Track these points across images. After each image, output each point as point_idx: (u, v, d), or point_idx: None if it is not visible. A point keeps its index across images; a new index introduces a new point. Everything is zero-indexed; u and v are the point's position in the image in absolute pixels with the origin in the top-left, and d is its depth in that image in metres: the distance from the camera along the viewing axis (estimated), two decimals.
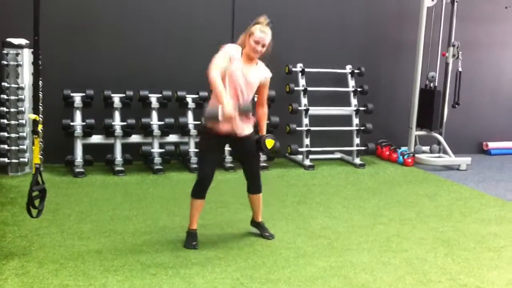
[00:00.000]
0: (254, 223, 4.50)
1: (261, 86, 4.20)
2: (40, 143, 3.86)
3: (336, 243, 4.35)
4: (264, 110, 4.32)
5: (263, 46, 4.04)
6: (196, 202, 4.17)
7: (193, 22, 7.05)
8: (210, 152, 4.15)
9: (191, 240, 4.14)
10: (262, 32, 4.03)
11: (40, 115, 3.87)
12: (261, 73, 4.19)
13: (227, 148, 5.16)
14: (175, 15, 6.94)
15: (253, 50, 4.03)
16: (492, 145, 8.73)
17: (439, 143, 7.82)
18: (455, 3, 7.54)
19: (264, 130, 4.29)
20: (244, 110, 4.01)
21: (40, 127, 3.86)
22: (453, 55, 7.63)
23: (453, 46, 7.60)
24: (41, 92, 3.97)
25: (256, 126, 4.28)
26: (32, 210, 3.84)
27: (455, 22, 7.59)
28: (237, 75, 4.04)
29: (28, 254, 3.83)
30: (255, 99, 4.34)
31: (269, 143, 4.17)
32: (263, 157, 6.88)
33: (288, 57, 7.31)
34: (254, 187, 4.35)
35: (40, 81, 3.95)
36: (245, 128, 4.12)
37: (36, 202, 3.88)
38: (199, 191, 4.14)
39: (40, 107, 3.93)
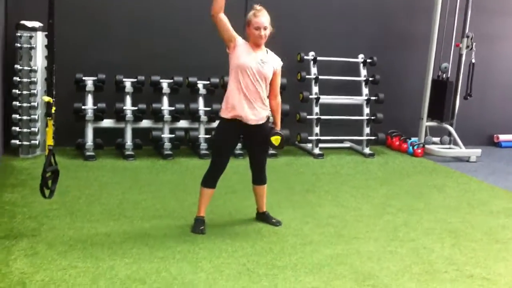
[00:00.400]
0: (259, 214, 4.50)
1: (274, 74, 4.15)
2: (53, 125, 3.88)
3: (343, 232, 4.36)
4: (277, 101, 4.23)
5: (265, 29, 4.01)
6: (206, 191, 4.19)
7: (206, 7, 7.01)
8: (225, 142, 4.18)
9: (199, 225, 4.16)
10: (258, 17, 4.01)
11: (53, 98, 3.89)
12: (273, 60, 4.16)
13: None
14: (188, 0, 6.93)
15: (258, 37, 4.01)
16: (503, 137, 8.68)
17: (449, 134, 7.79)
18: None
19: (278, 123, 4.25)
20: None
21: (53, 109, 3.89)
22: (467, 46, 7.56)
23: (467, 37, 7.53)
24: (54, 75, 3.97)
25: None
26: (45, 190, 3.88)
27: (470, 13, 7.52)
28: (250, 62, 4.01)
29: (37, 235, 3.88)
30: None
31: (276, 140, 4.12)
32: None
33: (300, 45, 7.29)
34: (258, 178, 4.35)
35: (53, 64, 3.95)
36: (256, 116, 4.08)
37: (49, 183, 3.93)
38: (210, 180, 4.17)
39: (53, 89, 3.94)
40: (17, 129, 6.03)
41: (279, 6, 7.23)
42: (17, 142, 6.03)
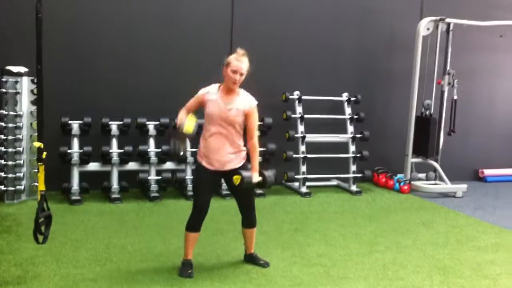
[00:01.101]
0: (247, 256, 4.47)
1: (246, 116, 4.10)
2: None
3: (333, 271, 4.34)
4: (253, 143, 4.11)
5: (241, 75, 4.04)
6: (190, 235, 4.16)
7: (191, 50, 7.12)
8: (204, 186, 4.15)
9: (186, 268, 4.12)
10: (238, 61, 4.05)
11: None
12: (243, 102, 4.12)
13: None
14: (173, 43, 7.01)
15: (232, 80, 4.03)
16: (488, 172, 8.76)
17: (435, 170, 7.85)
18: (450, 32, 7.63)
19: (255, 165, 4.09)
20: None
21: (44, 155, 3.89)
22: (449, 83, 7.69)
23: (449, 74, 7.67)
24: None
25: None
26: (38, 236, 3.85)
27: (450, 50, 7.68)
28: (214, 111, 4.05)
29: (22, 283, 3.82)
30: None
31: (236, 179, 4.00)
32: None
33: (285, 85, 7.38)
34: (248, 221, 4.32)
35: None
36: (231, 162, 4.09)
37: (42, 229, 3.90)
38: (194, 224, 4.13)
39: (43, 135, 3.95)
40: (2, 174, 5.99)
41: (265, 47, 7.38)
42: (2, 187, 5.98)
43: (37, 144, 3.87)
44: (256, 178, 4.04)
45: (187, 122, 4.09)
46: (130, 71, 6.89)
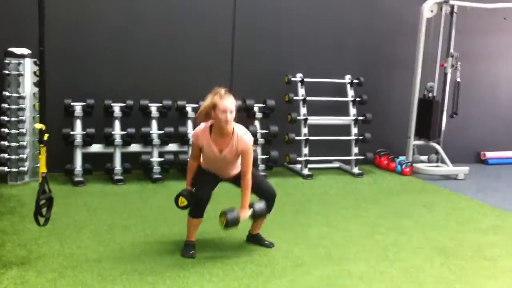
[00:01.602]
0: (251, 236, 4.50)
1: (241, 154, 4.10)
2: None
3: (334, 253, 4.37)
4: (246, 180, 4.09)
5: (231, 112, 3.95)
6: (193, 221, 4.20)
7: (193, 32, 7.10)
8: (206, 178, 4.21)
9: (189, 249, 4.17)
10: (225, 100, 3.95)
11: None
12: (238, 145, 4.06)
13: None
14: (175, 26, 7.00)
15: (224, 121, 3.95)
16: (489, 154, 8.77)
17: (437, 152, 7.86)
18: (454, 14, 7.60)
19: (245, 204, 4.09)
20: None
21: (46, 136, 3.90)
22: (452, 66, 7.67)
23: (452, 56, 7.64)
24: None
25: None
26: (39, 218, 3.88)
27: (454, 33, 7.65)
28: (209, 156, 4.13)
29: (27, 263, 3.86)
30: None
31: (221, 220, 4.07)
32: (261, 166, 6.93)
33: (287, 68, 7.37)
34: (267, 206, 4.29)
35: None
36: (232, 172, 4.26)
37: (43, 211, 3.92)
38: (196, 211, 4.16)
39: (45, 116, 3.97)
40: (6, 156, 6.02)
41: (266, 29, 7.37)
42: (6, 169, 6.02)
43: (38, 126, 3.89)
44: (244, 215, 4.10)
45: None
46: (133, 53, 6.88)
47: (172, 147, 6.72)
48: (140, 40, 6.89)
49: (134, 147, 6.58)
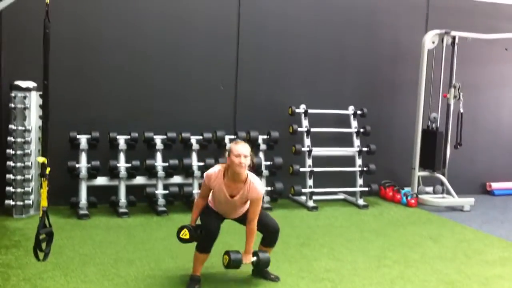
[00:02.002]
0: (256, 270, 4.47)
1: (250, 202, 4.18)
2: (47, 186, 3.89)
3: (340, 286, 4.34)
4: (251, 226, 4.17)
5: (245, 157, 4.02)
6: (200, 256, 4.20)
7: (197, 64, 7.17)
8: (213, 214, 4.24)
9: (193, 283, 4.14)
10: (239, 145, 4.07)
11: (47, 158, 3.92)
12: (249, 194, 4.13)
13: None
14: (178, 57, 7.06)
15: (238, 165, 4.01)
16: (495, 185, 8.74)
17: (442, 183, 7.84)
18: (456, 45, 7.66)
19: (249, 249, 4.21)
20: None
21: (48, 170, 3.91)
22: (454, 96, 7.70)
23: (454, 87, 7.68)
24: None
25: None
26: (39, 253, 3.85)
27: (456, 63, 7.70)
28: (220, 199, 4.18)
29: None
30: None
31: (225, 259, 4.18)
32: (266, 198, 6.92)
33: (291, 99, 7.41)
34: (269, 241, 4.37)
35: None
36: (239, 214, 4.31)
37: (43, 245, 3.90)
38: (204, 246, 4.16)
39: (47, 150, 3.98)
40: (11, 189, 6.03)
41: (270, 62, 7.45)
42: (11, 202, 6.02)
43: (40, 159, 3.89)
44: (248, 259, 4.19)
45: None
46: (138, 86, 6.93)
47: (177, 179, 6.72)
48: (145, 73, 6.95)
49: (139, 180, 6.59)
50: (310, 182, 7.23)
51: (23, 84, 6.11)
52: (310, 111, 7.40)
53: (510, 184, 8.81)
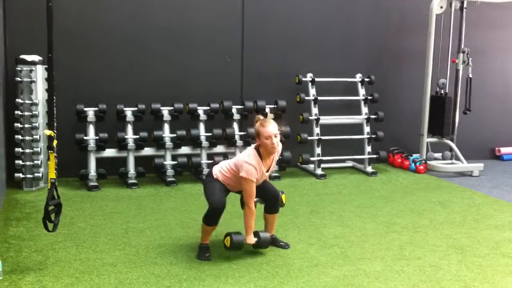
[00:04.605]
0: None
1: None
2: (55, 158, 3.91)
3: (349, 252, 4.35)
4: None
5: (275, 136, 4.02)
6: (207, 228, 4.20)
7: (203, 35, 7.12)
8: (218, 187, 4.18)
9: (204, 252, 4.17)
10: (267, 127, 4.03)
11: (54, 131, 3.93)
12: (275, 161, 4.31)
13: None
14: (185, 28, 7.01)
15: (272, 147, 4.03)
16: (504, 150, 8.69)
17: (451, 149, 7.81)
18: (464, 10, 7.55)
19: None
20: (264, 242, 4.26)
21: (55, 143, 3.92)
22: (463, 62, 7.62)
23: (463, 52, 7.59)
24: (54, 108, 4.01)
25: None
26: (48, 224, 3.89)
27: (464, 28, 7.60)
28: (257, 178, 4.12)
29: (44, 269, 3.88)
30: None
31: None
32: (276, 167, 6.92)
33: (298, 68, 7.36)
34: (272, 208, 4.37)
35: (54, 97, 4.00)
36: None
37: (52, 216, 3.94)
38: (211, 220, 4.15)
39: (54, 122, 3.98)
40: (20, 162, 6.06)
41: (276, 30, 7.37)
42: (21, 175, 6.06)
43: (47, 132, 3.90)
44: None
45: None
46: (144, 57, 6.90)
47: (185, 150, 6.73)
48: (150, 44, 6.91)
49: (147, 151, 6.60)
50: (318, 150, 7.22)
51: (28, 57, 6.09)
52: (317, 79, 7.35)
53: None
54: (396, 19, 7.99)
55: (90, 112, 6.37)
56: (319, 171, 7.16)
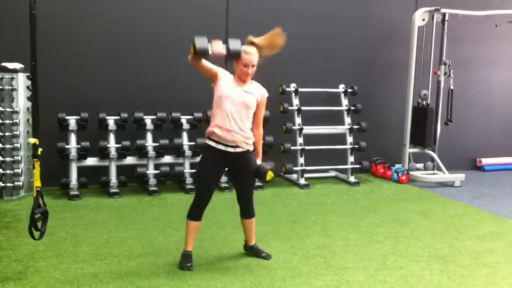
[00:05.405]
0: (247, 247, 4.48)
1: (258, 105, 4.19)
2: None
3: (332, 262, 4.35)
4: (259, 132, 4.25)
5: (252, 66, 4.10)
6: (192, 224, 4.16)
7: (187, 43, 7.08)
8: (209, 172, 4.15)
9: (186, 261, 4.13)
10: (247, 54, 4.10)
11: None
12: (257, 91, 4.22)
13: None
14: (169, 37, 6.99)
15: (244, 74, 4.09)
16: (485, 161, 8.78)
17: (432, 160, 7.87)
18: (446, 22, 7.64)
19: (260, 153, 4.26)
20: (233, 51, 4.06)
21: (40, 151, 3.89)
22: (445, 73, 7.70)
23: (445, 64, 7.67)
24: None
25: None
26: (34, 232, 3.85)
27: (446, 40, 7.69)
28: (228, 93, 4.06)
29: (23, 279, 3.82)
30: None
31: (269, 175, 4.14)
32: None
33: (282, 78, 7.37)
34: (246, 212, 4.34)
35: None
36: (239, 143, 4.08)
37: (39, 224, 3.90)
38: (195, 212, 4.14)
39: (38, 130, 3.95)
40: (1, 170, 5.99)
41: None
42: (1, 184, 5.98)
43: (32, 140, 3.87)
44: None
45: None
46: (127, 66, 6.87)
47: (168, 159, 6.70)
48: (133, 52, 6.89)
49: (130, 160, 6.56)
50: (301, 160, 7.23)
51: (10, 65, 6.04)
52: (300, 89, 7.37)
53: (500, 160, 8.87)
54: (380, 30, 8.05)
55: (72, 120, 6.32)
56: (302, 181, 7.17)
